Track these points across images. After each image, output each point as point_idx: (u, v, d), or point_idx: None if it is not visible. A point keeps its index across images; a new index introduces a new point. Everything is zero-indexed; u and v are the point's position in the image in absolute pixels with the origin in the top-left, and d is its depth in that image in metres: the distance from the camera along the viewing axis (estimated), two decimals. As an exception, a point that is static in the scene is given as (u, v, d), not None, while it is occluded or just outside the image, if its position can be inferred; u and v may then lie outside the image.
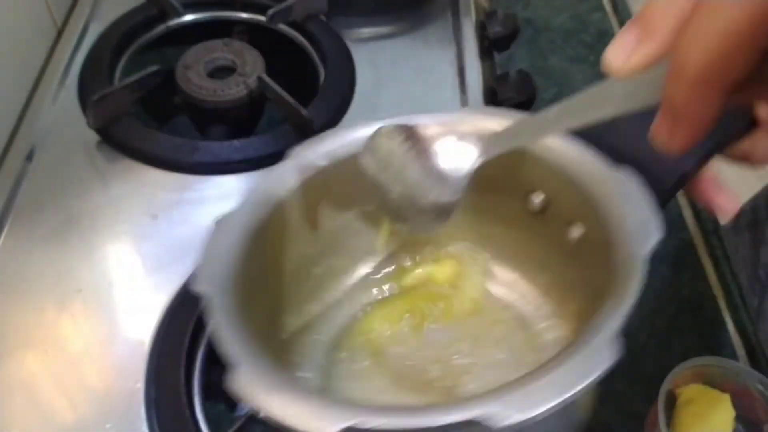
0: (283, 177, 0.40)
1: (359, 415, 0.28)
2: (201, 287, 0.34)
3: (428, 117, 0.39)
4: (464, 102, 0.66)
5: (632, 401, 0.52)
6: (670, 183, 0.37)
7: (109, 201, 0.55)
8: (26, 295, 0.49)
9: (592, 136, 0.37)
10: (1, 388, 0.45)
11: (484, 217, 0.44)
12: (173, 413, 0.43)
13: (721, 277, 0.61)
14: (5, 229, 0.53)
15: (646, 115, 0.32)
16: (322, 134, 0.42)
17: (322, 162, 0.41)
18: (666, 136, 0.24)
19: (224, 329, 0.32)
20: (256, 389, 0.29)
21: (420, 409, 0.29)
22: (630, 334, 0.56)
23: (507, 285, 0.45)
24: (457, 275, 0.46)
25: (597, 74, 0.89)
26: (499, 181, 0.40)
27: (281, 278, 0.41)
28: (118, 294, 0.50)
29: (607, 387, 0.53)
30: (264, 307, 0.39)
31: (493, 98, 0.67)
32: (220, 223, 0.38)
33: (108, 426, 0.43)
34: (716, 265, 0.62)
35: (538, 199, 0.40)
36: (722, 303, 0.59)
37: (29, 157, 0.58)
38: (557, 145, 0.38)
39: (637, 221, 0.32)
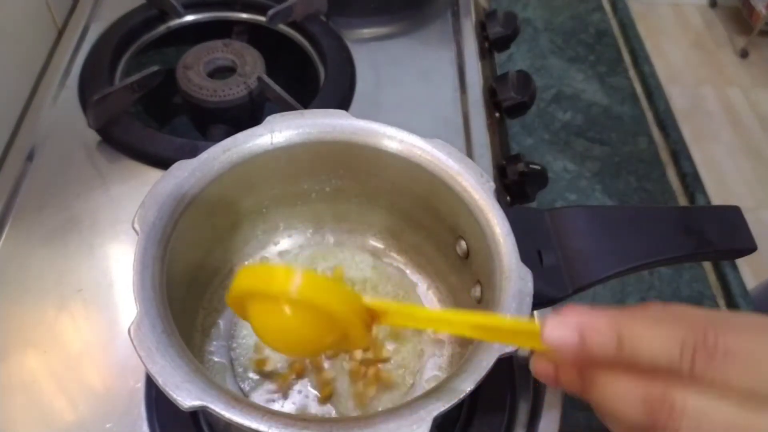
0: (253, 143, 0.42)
1: (215, 400, 0.30)
2: (135, 225, 0.36)
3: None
4: (464, 102, 0.66)
5: (632, 401, 0.52)
6: (576, 286, 0.40)
7: (109, 201, 0.55)
8: (26, 295, 0.49)
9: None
10: (1, 388, 0.45)
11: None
12: (173, 413, 0.43)
13: (721, 277, 0.61)
14: (6, 229, 0.53)
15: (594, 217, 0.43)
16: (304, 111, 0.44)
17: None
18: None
19: (139, 275, 0.34)
20: (146, 344, 0.31)
21: (274, 412, 0.31)
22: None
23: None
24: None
25: (596, 74, 0.89)
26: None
27: (205, 236, 0.43)
28: (118, 294, 0.50)
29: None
30: (186, 261, 0.40)
31: (493, 98, 0.67)
32: (176, 167, 0.39)
33: (108, 426, 0.43)
34: (716, 265, 0.62)
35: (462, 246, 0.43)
36: (722, 303, 0.59)
37: (30, 157, 0.58)
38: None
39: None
